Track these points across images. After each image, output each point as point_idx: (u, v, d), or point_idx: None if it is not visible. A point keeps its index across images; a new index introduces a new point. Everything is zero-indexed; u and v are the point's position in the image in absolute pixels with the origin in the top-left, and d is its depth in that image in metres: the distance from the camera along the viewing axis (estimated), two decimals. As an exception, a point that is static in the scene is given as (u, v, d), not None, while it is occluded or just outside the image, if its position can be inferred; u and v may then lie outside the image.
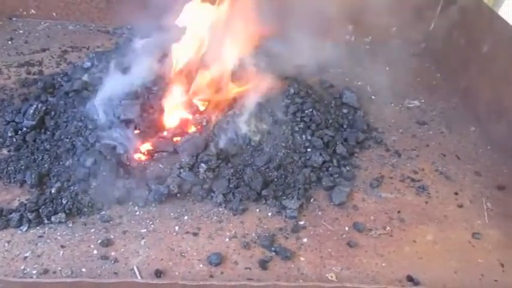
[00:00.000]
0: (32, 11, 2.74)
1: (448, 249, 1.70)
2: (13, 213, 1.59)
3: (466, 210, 1.88)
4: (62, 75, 2.24)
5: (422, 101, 2.53)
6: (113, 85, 1.96)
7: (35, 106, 1.88)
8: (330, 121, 2.19)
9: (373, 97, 2.53)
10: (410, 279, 1.56)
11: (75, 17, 2.78)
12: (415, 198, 1.91)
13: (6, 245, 1.51)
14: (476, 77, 2.46)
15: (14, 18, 2.74)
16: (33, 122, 1.86)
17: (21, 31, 2.66)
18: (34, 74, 2.31)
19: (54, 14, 2.76)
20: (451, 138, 2.28)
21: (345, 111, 2.32)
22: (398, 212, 1.83)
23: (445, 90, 2.63)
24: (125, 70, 2.04)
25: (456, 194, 1.95)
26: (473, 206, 1.90)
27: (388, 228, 1.76)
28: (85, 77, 2.07)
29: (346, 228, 1.74)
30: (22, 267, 1.45)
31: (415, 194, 1.93)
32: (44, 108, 1.89)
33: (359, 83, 2.63)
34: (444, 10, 2.85)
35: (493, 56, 2.34)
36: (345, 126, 2.21)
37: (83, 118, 1.88)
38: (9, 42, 2.54)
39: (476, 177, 2.05)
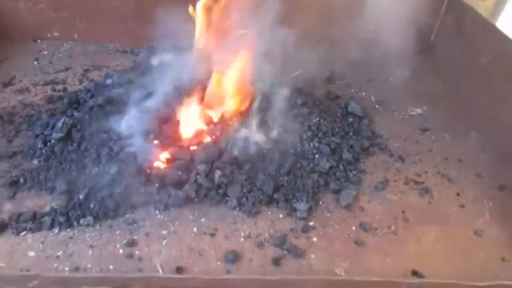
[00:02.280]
0: (56, 33, 2.94)
1: (451, 246, 1.80)
2: (45, 216, 1.73)
3: (468, 210, 1.98)
4: (85, 92, 2.40)
5: (425, 108, 2.65)
6: (134, 99, 2.12)
7: (63, 120, 2.04)
8: (336, 129, 2.31)
9: (377, 106, 2.65)
10: (414, 273, 1.66)
11: (95, 38, 2.96)
12: (418, 200, 2.02)
13: (40, 245, 1.65)
14: (475, 85, 2.58)
15: (38, 41, 2.94)
16: (62, 134, 2.01)
17: (45, 52, 2.85)
18: (59, 91, 2.48)
19: (75, 36, 2.96)
20: (453, 144, 2.39)
21: (350, 120, 2.45)
22: (403, 212, 1.94)
23: (447, 99, 2.75)
24: (144, 85, 2.20)
25: (458, 195, 2.06)
26: (475, 206, 2.00)
27: (393, 227, 1.87)
28: (107, 93, 2.23)
29: (353, 228, 1.85)
30: (55, 265, 1.58)
31: (418, 195, 2.04)
32: (71, 121, 2.05)
33: (363, 94, 2.76)
34: (443, 22, 2.99)
35: (490, 66, 2.46)
36: (350, 134, 2.34)
37: (107, 130, 2.03)
38: (35, 63, 2.72)
39: (477, 179, 2.15)
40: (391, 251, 1.76)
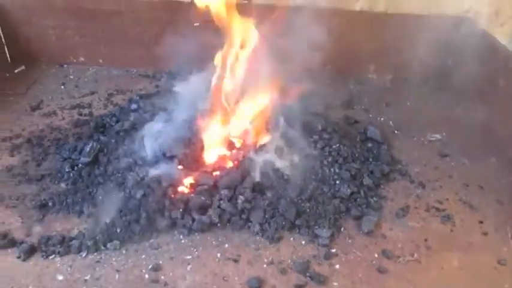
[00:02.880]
0: (81, 58, 3.05)
1: (475, 274, 1.79)
2: (73, 240, 1.78)
3: (491, 238, 1.97)
4: (110, 116, 2.48)
5: (444, 134, 2.66)
6: (158, 125, 2.18)
7: (90, 145, 2.11)
8: (356, 155, 2.33)
9: (396, 132, 2.67)
10: (438, 302, 1.66)
11: (119, 63, 3.06)
12: (440, 227, 2.02)
13: (69, 269, 1.69)
14: (493, 109, 2.59)
15: (65, 65, 3.04)
16: (89, 159, 2.08)
17: (71, 76, 2.95)
18: (85, 115, 2.56)
19: (100, 61, 3.06)
20: (473, 169, 2.39)
21: (369, 145, 2.47)
22: (425, 240, 1.94)
23: (465, 124, 2.74)
24: (168, 111, 2.26)
25: (481, 222, 2.05)
26: (497, 234, 1.99)
27: (415, 255, 1.86)
28: (133, 118, 2.29)
29: (376, 255, 1.85)
30: (83, 289, 1.62)
31: (440, 222, 2.04)
32: (98, 146, 2.11)
33: (382, 119, 2.78)
34: (460, 48, 3.02)
35: (508, 90, 2.48)
36: (370, 160, 2.35)
37: (132, 155, 2.09)
38: (62, 87, 2.82)
39: (499, 206, 2.15)
40: (415, 278, 1.76)
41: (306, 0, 2.92)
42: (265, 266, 1.77)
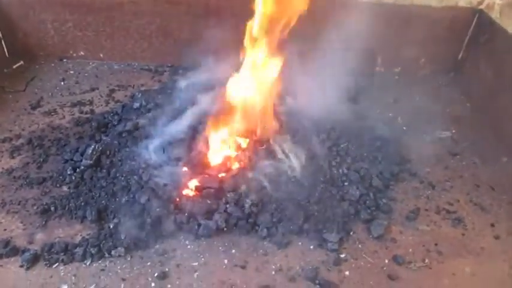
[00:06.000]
0: (81, 52, 2.96)
1: (488, 281, 1.76)
2: (77, 247, 1.73)
3: (503, 242, 1.93)
4: (112, 114, 2.41)
5: (454, 131, 2.59)
6: (162, 125, 2.12)
7: (92, 146, 2.05)
8: (365, 154, 2.28)
9: (404, 128, 2.60)
10: (451, 312, 1.62)
11: (120, 57, 2.98)
12: (451, 230, 1.97)
13: (73, 278, 1.65)
14: (505, 108, 2.51)
15: (64, 60, 2.96)
16: (91, 161, 2.02)
17: (71, 71, 2.87)
18: (86, 113, 2.49)
19: (101, 55, 2.98)
20: (484, 169, 2.33)
21: (378, 143, 2.40)
22: (436, 244, 1.90)
23: (476, 121, 2.68)
24: (171, 110, 2.20)
25: (492, 225, 2.00)
26: (510, 238, 1.95)
27: (426, 260, 1.83)
28: (136, 118, 2.23)
29: (386, 261, 1.82)
30: (89, 299, 1.58)
31: (451, 225, 2.00)
32: (100, 148, 2.05)
33: (390, 114, 2.71)
34: (471, 41, 2.93)
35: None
36: (379, 159, 2.29)
37: (136, 157, 2.03)
38: (62, 83, 2.74)
39: (511, 208, 2.10)
40: (426, 286, 1.72)
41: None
42: (273, 273, 1.74)
